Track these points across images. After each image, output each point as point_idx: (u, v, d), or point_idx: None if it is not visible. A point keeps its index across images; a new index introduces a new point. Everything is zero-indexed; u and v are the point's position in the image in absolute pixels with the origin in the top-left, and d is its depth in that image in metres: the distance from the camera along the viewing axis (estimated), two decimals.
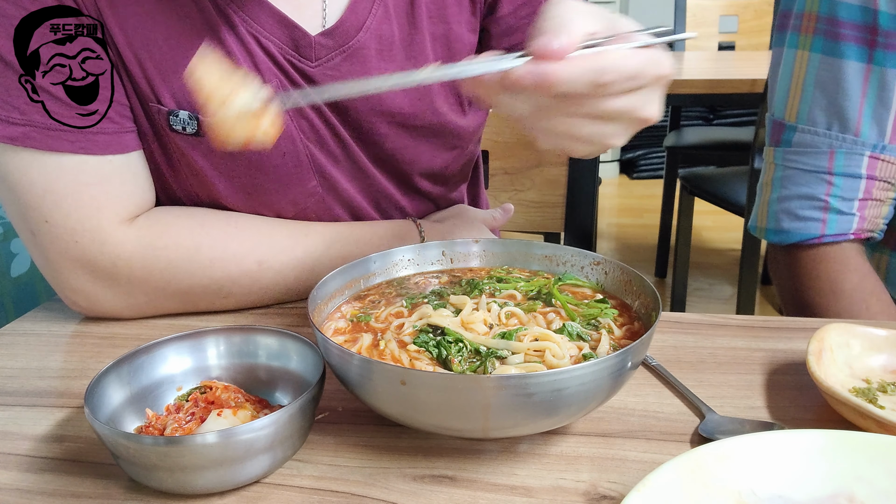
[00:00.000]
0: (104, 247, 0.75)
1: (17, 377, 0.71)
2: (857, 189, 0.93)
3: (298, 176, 0.83)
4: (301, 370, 0.61)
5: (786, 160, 0.98)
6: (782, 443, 0.49)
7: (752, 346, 0.73)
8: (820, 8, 0.93)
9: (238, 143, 0.52)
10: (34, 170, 0.73)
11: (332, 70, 0.81)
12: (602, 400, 0.55)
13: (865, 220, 0.94)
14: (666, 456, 0.55)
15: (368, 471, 0.55)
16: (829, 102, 0.94)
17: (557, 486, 0.53)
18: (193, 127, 0.77)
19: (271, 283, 0.81)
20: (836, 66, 0.93)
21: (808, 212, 0.95)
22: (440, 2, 0.85)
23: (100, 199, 0.75)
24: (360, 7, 0.81)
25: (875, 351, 0.66)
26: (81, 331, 0.80)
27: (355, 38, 0.80)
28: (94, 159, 0.74)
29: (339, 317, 0.65)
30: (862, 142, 0.92)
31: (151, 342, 0.61)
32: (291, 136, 0.81)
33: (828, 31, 0.93)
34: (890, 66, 0.90)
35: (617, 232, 3.68)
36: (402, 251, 0.73)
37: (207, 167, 0.80)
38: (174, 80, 0.76)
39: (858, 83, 0.92)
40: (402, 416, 0.54)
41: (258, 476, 0.53)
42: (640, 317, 0.64)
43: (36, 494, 0.54)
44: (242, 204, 0.83)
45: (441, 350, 0.57)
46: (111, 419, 0.56)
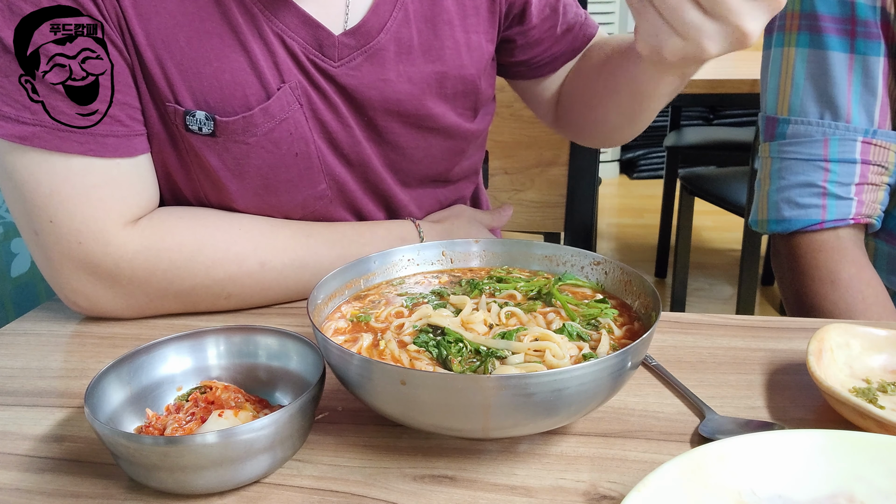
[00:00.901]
0: (108, 248, 0.76)
1: (17, 377, 0.71)
2: (854, 174, 0.95)
3: (310, 178, 0.84)
4: (301, 370, 0.61)
5: (781, 152, 1.00)
6: (782, 443, 0.49)
7: (752, 346, 0.73)
8: (802, 6, 0.97)
9: None
10: (42, 170, 0.73)
11: (353, 70, 0.82)
12: (602, 400, 0.55)
13: (864, 204, 0.96)
14: (666, 456, 0.55)
15: (368, 471, 0.55)
16: (820, 93, 0.96)
17: (557, 486, 0.53)
18: (209, 128, 0.77)
19: (273, 283, 0.81)
20: (822, 58, 0.96)
21: (808, 199, 0.97)
22: (460, 10, 0.88)
23: (106, 201, 0.75)
24: (382, 9, 0.83)
25: (875, 351, 0.66)
26: (81, 331, 0.80)
27: (376, 39, 0.82)
28: (102, 162, 0.75)
29: (340, 317, 0.65)
30: (854, 128, 0.95)
31: (151, 342, 0.61)
32: (305, 138, 0.81)
33: (811, 26, 0.96)
34: (872, 55, 0.93)
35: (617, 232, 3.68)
36: (402, 251, 0.73)
37: (220, 168, 0.80)
38: (194, 80, 0.77)
39: (844, 72, 0.95)
40: (402, 416, 0.54)
41: (258, 476, 0.53)
42: (639, 317, 0.64)
43: (36, 494, 0.54)
44: (252, 206, 0.84)
45: (441, 350, 0.57)
46: (111, 419, 0.56)
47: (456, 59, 0.88)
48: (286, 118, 0.80)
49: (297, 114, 0.80)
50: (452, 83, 0.88)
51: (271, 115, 0.79)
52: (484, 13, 0.90)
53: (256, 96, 0.78)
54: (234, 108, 0.78)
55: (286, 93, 0.79)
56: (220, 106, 0.77)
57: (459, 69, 0.88)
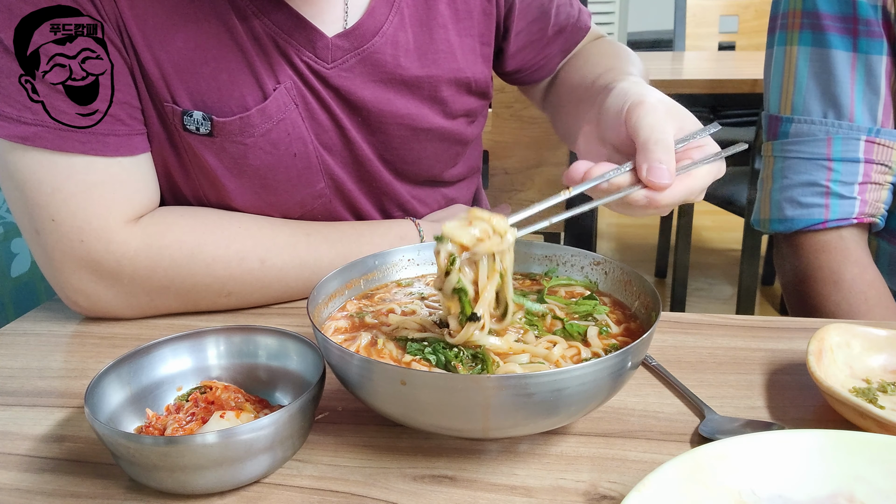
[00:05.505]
0: (109, 246, 0.76)
1: (18, 377, 0.71)
2: (857, 173, 0.95)
3: (308, 177, 0.84)
4: (301, 370, 0.61)
5: (784, 151, 1.00)
6: (782, 443, 0.49)
7: (752, 346, 0.73)
8: (804, 4, 0.97)
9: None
10: (44, 169, 0.73)
11: (346, 72, 0.82)
12: (602, 400, 0.55)
13: (867, 203, 0.96)
14: (666, 456, 0.55)
15: (368, 471, 0.55)
16: (823, 91, 0.96)
17: (557, 486, 0.53)
18: (207, 128, 0.78)
19: (273, 281, 0.82)
20: (825, 57, 0.96)
21: (811, 198, 0.96)
22: (454, 14, 0.88)
23: (108, 199, 0.75)
24: (378, 13, 0.83)
25: (875, 351, 0.66)
26: (81, 331, 0.80)
27: (371, 42, 0.83)
28: (103, 160, 0.75)
29: (341, 317, 0.65)
30: (857, 127, 0.95)
31: (151, 342, 0.61)
32: (303, 138, 0.82)
33: (813, 25, 0.96)
34: (874, 53, 0.93)
35: (617, 232, 3.68)
36: (402, 251, 0.73)
37: (219, 167, 0.80)
38: (191, 80, 0.77)
39: (847, 71, 0.95)
40: (402, 416, 0.54)
41: (258, 476, 0.53)
42: (638, 316, 0.64)
43: (36, 494, 0.54)
44: (251, 205, 0.84)
45: (439, 356, 0.56)
46: (111, 419, 0.56)
47: (450, 63, 0.88)
48: (283, 119, 0.80)
49: (294, 114, 0.81)
50: (446, 86, 0.88)
51: (268, 115, 0.79)
52: (477, 15, 0.90)
53: (253, 97, 0.78)
54: (232, 108, 0.78)
55: (282, 93, 0.79)
56: (218, 106, 0.78)
57: (453, 72, 0.88)
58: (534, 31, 0.97)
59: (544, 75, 1.02)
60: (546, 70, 1.01)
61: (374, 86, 0.84)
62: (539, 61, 1.00)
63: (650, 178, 0.59)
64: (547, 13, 0.96)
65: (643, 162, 0.59)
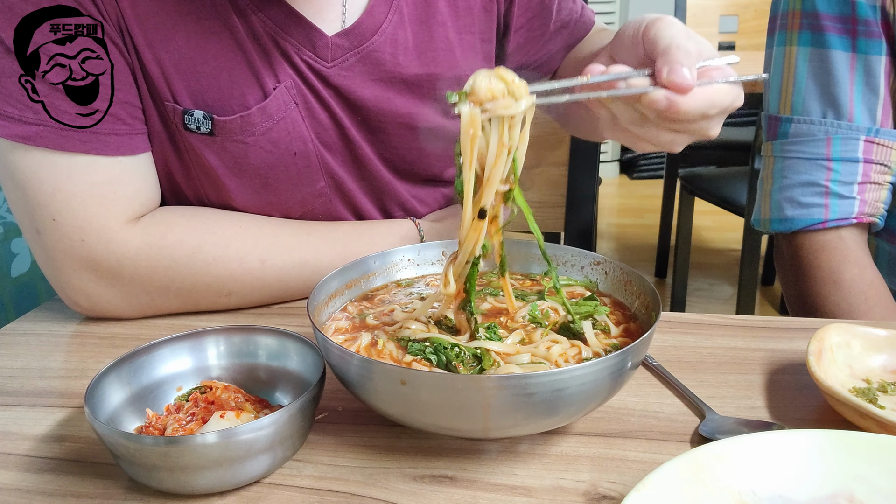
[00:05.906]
0: (110, 245, 0.76)
1: (18, 377, 0.71)
2: (856, 173, 0.95)
3: (308, 176, 0.84)
4: (301, 370, 0.61)
5: (784, 151, 1.00)
6: (782, 443, 0.49)
7: (752, 346, 0.73)
8: (803, 5, 0.97)
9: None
10: (44, 168, 0.73)
11: (346, 70, 0.82)
12: (602, 400, 0.55)
13: (866, 203, 0.96)
14: (666, 456, 0.55)
15: (368, 471, 0.55)
16: (822, 91, 0.96)
17: (557, 486, 0.53)
18: (207, 127, 0.78)
19: (273, 281, 0.82)
20: (824, 57, 0.96)
21: (811, 198, 0.97)
22: (453, 11, 0.88)
23: (109, 198, 0.76)
24: (377, 11, 0.83)
25: (875, 351, 0.66)
26: (81, 331, 0.80)
27: (370, 41, 0.83)
28: (104, 160, 0.75)
29: (342, 317, 0.65)
30: (856, 127, 0.95)
31: (151, 342, 0.61)
32: (303, 137, 0.82)
33: (812, 25, 0.96)
34: (873, 53, 0.93)
35: (617, 232, 3.68)
36: (402, 251, 0.73)
37: (219, 166, 0.80)
38: (192, 79, 0.77)
39: (846, 71, 0.95)
40: (402, 416, 0.54)
41: (258, 476, 0.53)
42: (638, 316, 0.64)
43: (36, 494, 0.54)
44: (252, 204, 0.84)
45: (440, 356, 0.56)
46: (111, 419, 0.56)
47: (449, 60, 0.88)
48: (283, 118, 0.80)
49: (294, 113, 0.81)
50: (446, 84, 0.88)
51: (269, 114, 0.79)
52: (477, 12, 0.90)
53: (254, 96, 0.78)
54: (232, 107, 0.78)
55: (282, 92, 0.79)
56: (218, 105, 0.78)
57: (453, 70, 0.88)
58: (535, 27, 0.96)
59: (547, 72, 1.02)
60: (549, 66, 1.01)
61: (374, 85, 0.84)
62: (541, 57, 1.00)
63: (671, 77, 0.56)
64: (548, 9, 0.96)
65: (664, 65, 0.57)
